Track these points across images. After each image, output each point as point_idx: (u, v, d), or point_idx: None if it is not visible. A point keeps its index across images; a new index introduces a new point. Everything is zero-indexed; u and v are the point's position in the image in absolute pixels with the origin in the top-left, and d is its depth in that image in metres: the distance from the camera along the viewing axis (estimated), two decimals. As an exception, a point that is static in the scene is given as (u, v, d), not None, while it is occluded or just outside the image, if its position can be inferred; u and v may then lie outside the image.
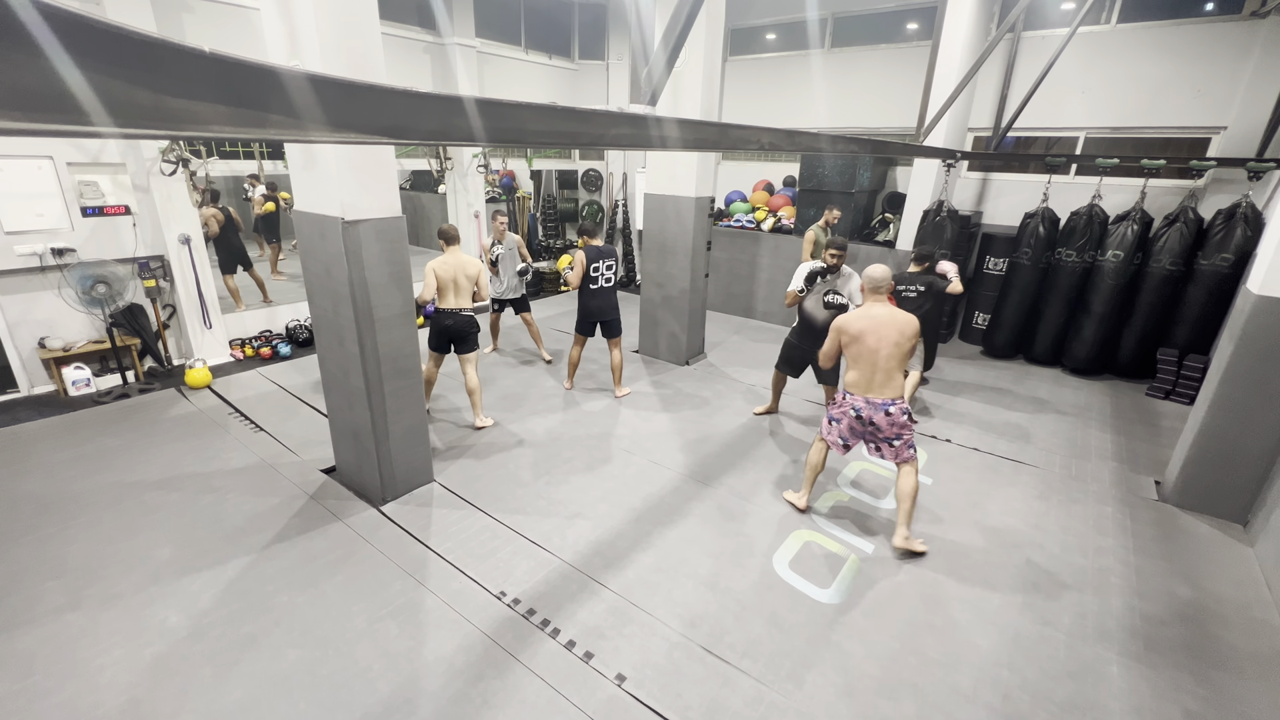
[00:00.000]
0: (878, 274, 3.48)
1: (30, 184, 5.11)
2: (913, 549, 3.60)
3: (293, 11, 3.01)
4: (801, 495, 4.03)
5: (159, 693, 2.60)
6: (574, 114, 1.68)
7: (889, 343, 3.35)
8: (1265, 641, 3.09)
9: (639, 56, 2.93)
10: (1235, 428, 3.96)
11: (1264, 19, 5.84)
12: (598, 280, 5.41)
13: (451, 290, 4.76)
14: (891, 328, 3.36)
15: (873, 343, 3.38)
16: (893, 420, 3.44)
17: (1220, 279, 5.77)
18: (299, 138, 1.05)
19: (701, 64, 5.65)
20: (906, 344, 3.37)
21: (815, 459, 3.89)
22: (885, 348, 3.36)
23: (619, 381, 5.85)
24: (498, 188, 10.13)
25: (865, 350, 3.41)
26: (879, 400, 3.44)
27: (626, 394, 5.88)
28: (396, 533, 3.70)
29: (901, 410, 3.44)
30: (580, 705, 2.61)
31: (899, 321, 3.39)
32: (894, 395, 3.43)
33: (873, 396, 3.45)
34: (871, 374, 3.43)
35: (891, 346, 3.35)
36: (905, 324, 3.40)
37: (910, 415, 3.47)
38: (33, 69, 0.65)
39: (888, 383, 3.41)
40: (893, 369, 3.38)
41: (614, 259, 5.51)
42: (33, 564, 3.33)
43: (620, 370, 5.82)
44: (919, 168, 7.07)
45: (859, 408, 3.51)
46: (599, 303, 5.49)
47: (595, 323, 5.60)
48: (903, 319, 3.40)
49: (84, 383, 5.44)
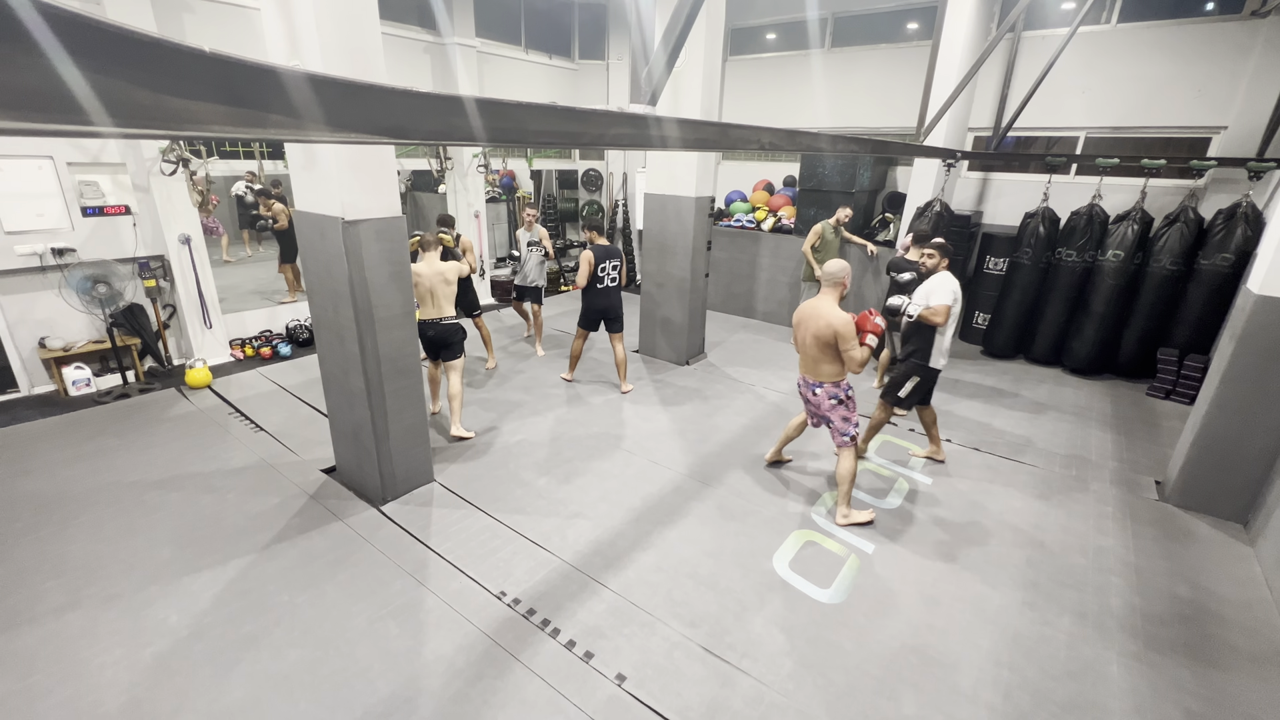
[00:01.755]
0: (831, 268, 3.68)
1: (30, 184, 5.11)
2: (855, 520, 3.89)
3: (293, 11, 3.01)
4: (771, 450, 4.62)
5: (159, 692, 2.60)
6: (574, 114, 1.68)
7: (809, 331, 3.69)
8: (1265, 641, 3.09)
9: (639, 56, 2.93)
10: (1235, 428, 3.96)
11: (1264, 19, 5.84)
12: (604, 280, 5.42)
13: (429, 300, 4.57)
14: (815, 319, 3.66)
15: (802, 331, 3.78)
16: (819, 400, 3.83)
17: (1220, 279, 5.77)
18: (299, 138, 1.05)
19: (701, 64, 5.65)
20: (826, 335, 3.60)
21: (790, 428, 4.45)
22: (808, 336, 3.71)
23: (624, 377, 5.87)
24: (498, 188, 10.13)
25: (799, 335, 3.83)
26: (810, 380, 3.86)
27: (631, 390, 5.89)
28: (396, 532, 3.70)
29: (828, 395, 3.78)
30: (580, 705, 2.61)
31: (820, 315, 3.64)
32: (821, 379, 3.78)
33: (806, 377, 3.89)
34: (803, 358, 3.87)
35: (811, 337, 3.68)
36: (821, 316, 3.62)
37: (840, 400, 3.78)
38: (33, 69, 0.65)
39: (813, 367, 3.80)
40: (815, 356, 3.73)
41: (620, 259, 5.53)
42: (33, 564, 3.33)
43: (625, 365, 5.83)
44: (919, 167, 7.07)
45: (800, 385, 4.01)
46: (605, 302, 5.54)
47: (600, 320, 5.64)
48: (823, 313, 3.61)
49: (84, 382, 5.44)
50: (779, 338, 7.86)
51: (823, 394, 3.80)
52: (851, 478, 3.87)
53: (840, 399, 3.78)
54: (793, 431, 4.41)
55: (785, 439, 4.49)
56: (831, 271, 3.66)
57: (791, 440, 4.49)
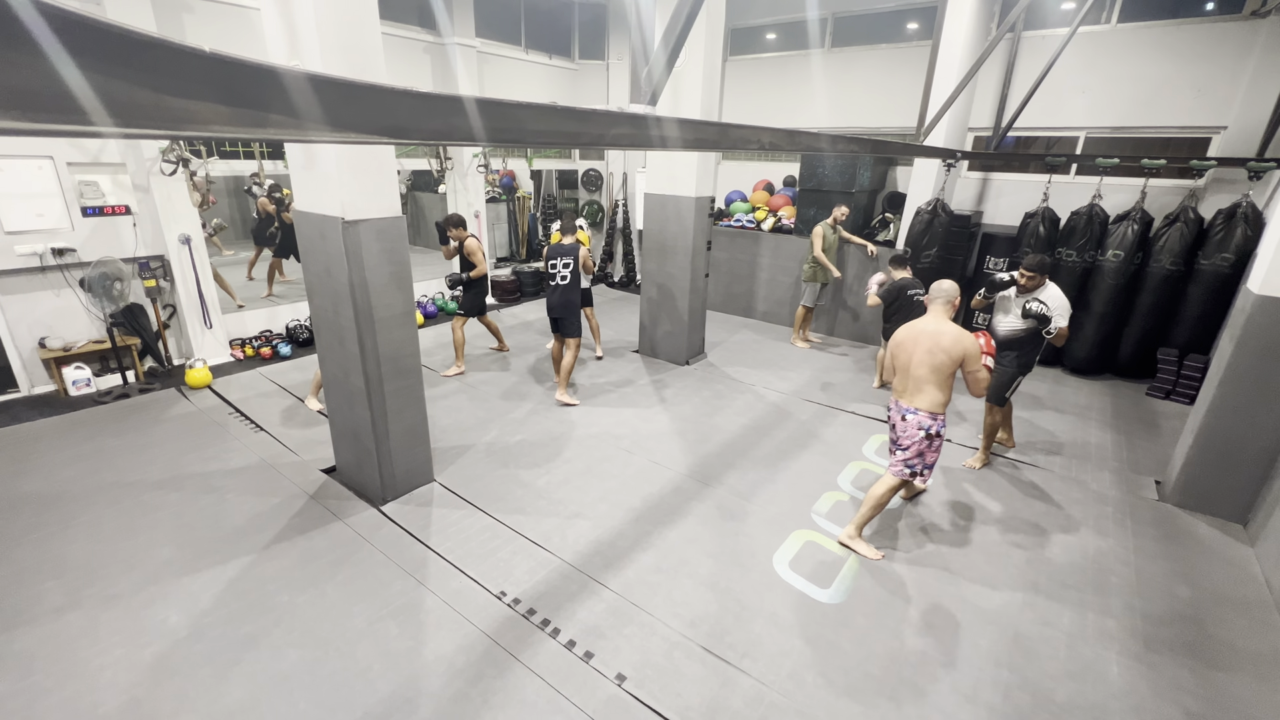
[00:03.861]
0: (942, 286, 3.45)
1: (30, 184, 5.11)
2: (858, 548, 3.66)
3: (293, 11, 3.01)
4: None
5: (159, 692, 2.60)
6: (574, 114, 1.68)
7: (922, 349, 3.36)
8: (1265, 641, 3.09)
9: (639, 56, 2.93)
10: (1235, 428, 3.96)
11: (1264, 19, 5.84)
12: (554, 277, 5.43)
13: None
14: (929, 337, 3.35)
15: (909, 349, 3.43)
16: (906, 426, 3.46)
17: (1220, 279, 5.77)
18: (299, 138, 1.05)
19: (701, 64, 5.65)
20: (941, 356, 3.30)
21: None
22: (918, 355, 3.38)
23: (562, 385, 5.62)
24: (498, 188, 10.13)
25: (903, 356, 3.47)
26: (904, 405, 3.49)
27: (568, 403, 5.56)
28: (397, 532, 3.70)
29: (918, 424, 3.40)
30: (580, 705, 2.61)
31: (937, 333, 3.34)
32: (918, 405, 3.41)
33: (901, 401, 3.51)
34: (905, 380, 3.48)
35: (924, 354, 3.35)
36: (942, 335, 3.32)
37: (929, 435, 3.41)
38: (33, 69, 0.65)
39: (915, 391, 3.42)
40: (923, 378, 3.37)
41: (572, 257, 5.38)
42: (33, 564, 3.33)
43: (567, 372, 5.61)
44: (919, 167, 7.07)
45: (890, 409, 3.63)
46: (553, 300, 5.49)
47: (552, 319, 5.58)
48: (942, 332, 3.32)
49: (84, 383, 5.44)
50: (779, 338, 7.86)
51: (913, 421, 3.43)
52: (880, 507, 3.60)
53: (930, 434, 3.41)
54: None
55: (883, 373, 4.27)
56: (946, 289, 3.43)
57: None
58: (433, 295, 8.52)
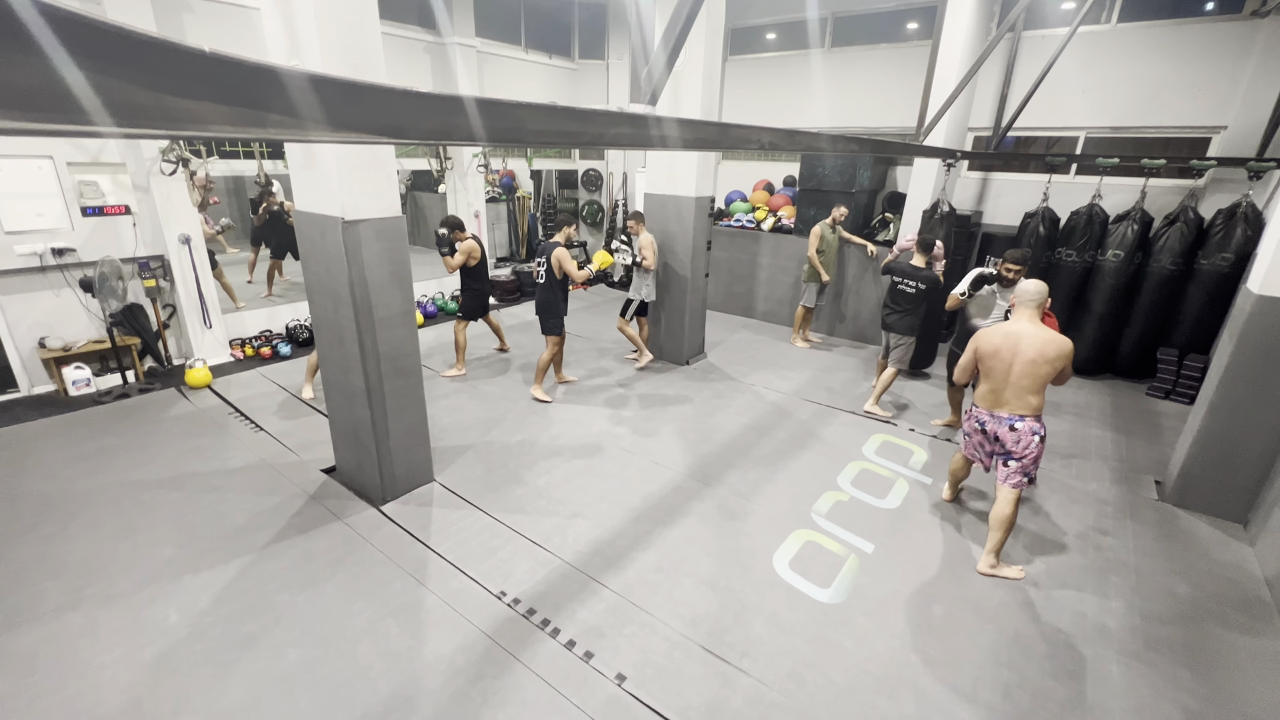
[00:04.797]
0: (1030, 289, 3.30)
1: (30, 184, 5.11)
2: (1000, 574, 3.47)
3: (293, 11, 3.01)
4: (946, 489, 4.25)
5: (159, 692, 2.60)
6: (574, 114, 1.68)
7: (1025, 359, 3.22)
8: (1265, 641, 3.10)
9: (639, 56, 2.93)
10: (1235, 428, 3.96)
11: (1264, 19, 5.84)
12: (539, 276, 5.47)
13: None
14: (1031, 345, 3.21)
15: (1007, 357, 3.27)
16: (1019, 436, 3.32)
17: (1220, 279, 5.77)
18: (299, 138, 1.05)
19: (701, 63, 5.65)
20: (1045, 368, 3.19)
21: (954, 466, 4.04)
22: (1020, 364, 3.24)
23: (538, 382, 5.65)
24: (498, 187, 10.13)
25: (999, 364, 3.31)
26: (1004, 415, 3.35)
27: (540, 399, 5.61)
28: (396, 532, 3.70)
29: (1030, 429, 3.29)
30: (580, 705, 2.61)
31: (1041, 340, 3.20)
32: (1024, 412, 3.30)
33: (999, 411, 3.37)
34: (1002, 389, 3.34)
35: (1026, 364, 3.21)
36: (1046, 344, 3.19)
37: (1042, 437, 3.31)
38: (33, 69, 0.65)
39: (1017, 400, 3.30)
40: (1026, 386, 3.25)
41: (547, 257, 5.35)
42: (33, 563, 3.33)
43: (540, 371, 5.63)
44: (919, 167, 7.06)
45: (984, 421, 3.46)
46: (536, 297, 5.53)
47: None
48: (1045, 339, 3.19)
49: (84, 382, 5.44)
50: (779, 337, 7.86)
51: (1024, 429, 3.29)
52: (1012, 526, 3.41)
53: (1042, 435, 3.31)
54: (961, 472, 4.03)
55: (955, 481, 4.11)
56: (1035, 291, 3.29)
57: (963, 480, 4.11)
58: (433, 295, 8.52)
